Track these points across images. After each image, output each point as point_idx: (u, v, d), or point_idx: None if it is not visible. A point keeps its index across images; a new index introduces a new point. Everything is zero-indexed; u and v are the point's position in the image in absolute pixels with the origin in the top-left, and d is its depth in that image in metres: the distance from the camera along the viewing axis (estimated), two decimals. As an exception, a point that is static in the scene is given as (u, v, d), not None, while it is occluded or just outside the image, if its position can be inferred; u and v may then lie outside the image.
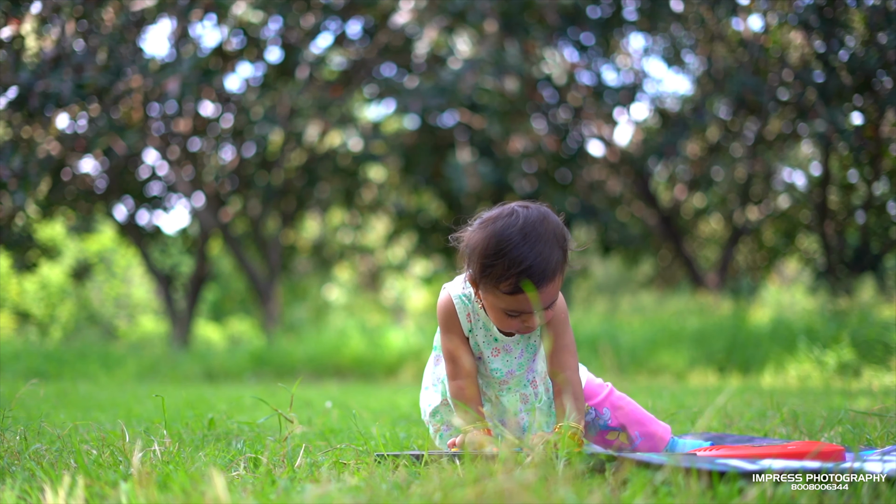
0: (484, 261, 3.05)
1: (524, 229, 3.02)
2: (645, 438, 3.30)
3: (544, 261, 2.99)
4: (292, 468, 2.82)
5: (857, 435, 3.70)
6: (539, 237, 3.01)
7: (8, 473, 2.75)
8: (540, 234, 3.01)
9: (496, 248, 3.03)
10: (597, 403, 3.36)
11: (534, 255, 2.98)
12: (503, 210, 3.12)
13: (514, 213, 3.08)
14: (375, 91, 18.73)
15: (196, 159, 18.32)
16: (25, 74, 12.30)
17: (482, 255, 3.06)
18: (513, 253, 3.01)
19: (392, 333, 15.18)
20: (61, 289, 29.29)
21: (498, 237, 3.04)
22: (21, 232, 16.87)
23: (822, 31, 14.24)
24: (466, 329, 3.31)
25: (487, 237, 3.07)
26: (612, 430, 3.33)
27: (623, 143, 20.46)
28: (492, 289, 3.06)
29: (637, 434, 3.29)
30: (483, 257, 3.05)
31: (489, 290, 3.08)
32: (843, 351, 10.73)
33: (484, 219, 3.15)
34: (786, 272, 28.10)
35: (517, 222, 3.04)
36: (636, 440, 3.30)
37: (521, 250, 3.00)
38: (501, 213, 3.11)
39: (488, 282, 3.06)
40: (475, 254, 3.08)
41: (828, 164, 17.64)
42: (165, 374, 14.09)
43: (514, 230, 3.03)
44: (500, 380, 3.35)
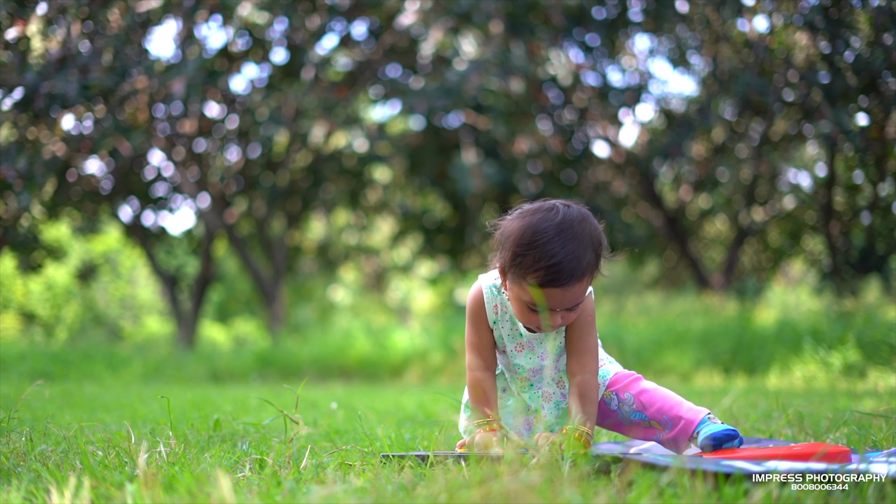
0: (516, 249, 3.06)
1: (561, 225, 3.03)
2: (673, 422, 3.24)
3: (575, 259, 3.00)
4: (298, 469, 2.82)
5: (863, 436, 3.69)
6: (574, 236, 3.02)
7: (14, 474, 2.75)
8: (576, 233, 3.02)
9: (530, 239, 3.04)
10: (619, 388, 3.32)
11: (566, 251, 2.99)
12: (544, 204, 3.13)
13: (554, 209, 3.09)
14: (381, 92, 18.73)
15: (201, 160, 18.34)
16: (31, 75, 12.31)
17: (515, 243, 3.07)
18: (545, 246, 3.01)
19: (397, 334, 15.18)
20: (67, 290, 29.33)
21: (534, 228, 3.05)
22: (26, 233, 16.89)
23: (828, 31, 14.24)
24: (492, 320, 3.32)
25: (524, 227, 3.08)
26: (643, 419, 3.29)
27: (628, 143, 20.47)
28: (519, 279, 3.07)
29: (666, 418, 3.24)
30: (516, 246, 3.07)
31: (516, 281, 3.09)
32: (848, 352, 10.72)
33: (524, 210, 3.17)
34: (791, 273, 28.08)
35: (556, 217, 3.05)
36: (666, 428, 3.25)
37: (554, 245, 3.01)
38: (542, 207, 3.12)
39: (517, 272, 3.07)
40: (508, 241, 3.10)
41: (833, 165, 17.63)
42: (171, 375, 14.10)
43: (551, 224, 3.04)
44: (523, 376, 3.36)
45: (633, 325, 14.39)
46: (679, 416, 3.20)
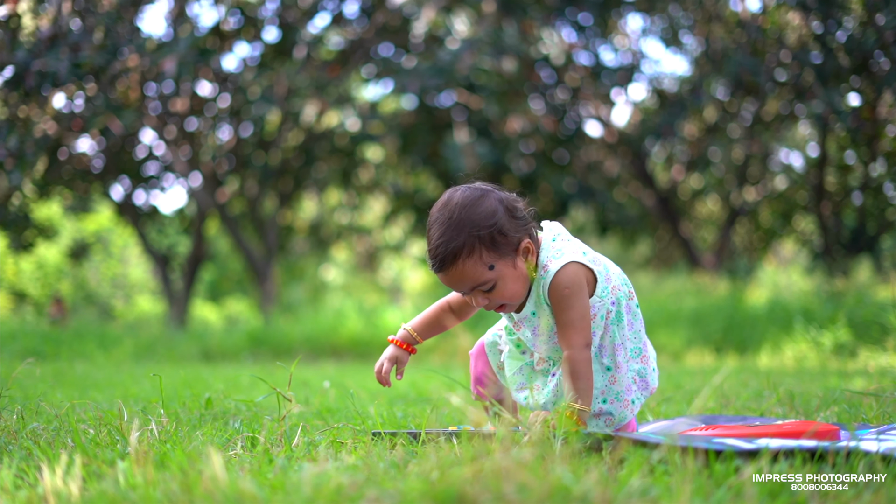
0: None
1: (440, 212, 3.09)
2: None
3: (443, 245, 3.02)
4: (290, 447, 2.82)
5: (853, 415, 3.71)
6: (446, 221, 3.06)
7: (5, 452, 2.75)
8: (449, 219, 3.06)
9: (426, 227, 3.13)
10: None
11: (436, 238, 3.05)
12: (448, 190, 3.19)
13: (446, 194, 3.15)
14: (373, 71, 18.69)
15: (193, 139, 18.30)
16: (22, 53, 12.28)
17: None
18: (428, 233, 3.11)
19: (389, 313, 15.19)
20: (58, 269, 29.30)
21: (429, 216, 3.15)
22: (18, 212, 16.86)
23: (820, 12, 14.23)
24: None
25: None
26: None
27: (621, 123, 20.47)
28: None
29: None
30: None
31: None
32: (839, 332, 10.75)
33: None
34: (783, 253, 28.13)
35: (439, 203, 3.13)
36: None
37: (430, 231, 3.08)
38: (445, 193, 3.18)
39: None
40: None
41: (825, 145, 17.65)
42: (162, 354, 14.10)
43: (434, 210, 3.12)
44: (523, 349, 3.38)
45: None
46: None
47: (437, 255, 3.03)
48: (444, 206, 3.09)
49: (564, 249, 3.16)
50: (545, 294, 3.14)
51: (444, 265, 3.03)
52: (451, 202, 3.08)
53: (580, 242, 3.29)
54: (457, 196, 3.10)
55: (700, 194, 22.09)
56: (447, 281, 3.08)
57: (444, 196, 3.13)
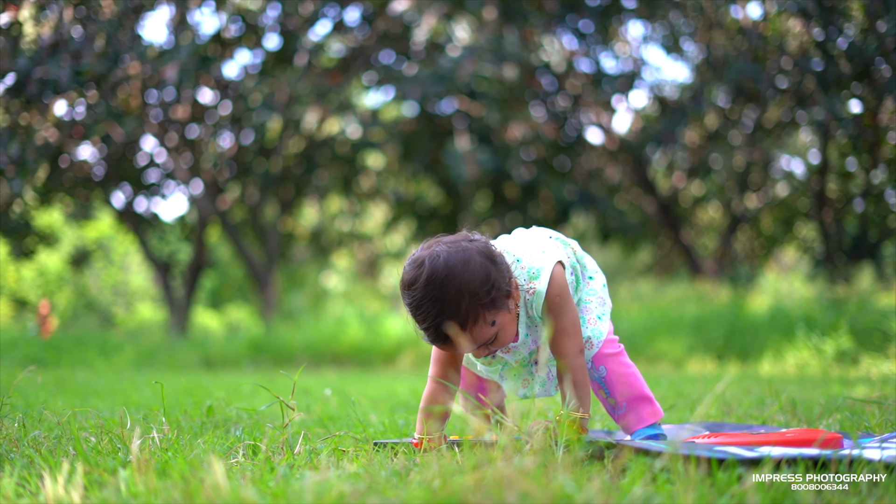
0: (406, 308, 3.03)
1: (427, 284, 2.94)
2: (629, 412, 3.24)
3: (446, 320, 2.93)
4: (291, 455, 2.82)
5: (856, 422, 3.70)
6: (442, 296, 2.93)
7: (7, 460, 2.75)
8: (443, 292, 2.93)
9: (407, 301, 3.00)
10: (597, 357, 3.30)
11: (435, 315, 2.93)
12: (418, 255, 3.03)
13: (420, 266, 2.98)
14: (374, 78, 18.72)
15: (194, 146, 18.31)
16: (23, 61, 12.28)
17: (404, 301, 3.04)
18: (415, 313, 2.98)
19: (390, 321, 15.18)
20: (59, 276, 29.30)
21: (406, 288, 3.01)
22: (19, 219, 16.85)
23: (821, 18, 14.24)
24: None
25: (402, 284, 3.04)
26: (607, 395, 3.29)
27: (622, 130, 20.48)
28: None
29: (624, 404, 3.24)
30: (405, 304, 3.03)
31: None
32: (841, 339, 10.74)
33: (412, 257, 3.08)
34: (784, 260, 28.12)
35: (420, 277, 2.97)
36: (621, 408, 3.26)
37: (423, 308, 2.95)
38: (415, 260, 3.02)
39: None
40: (402, 295, 3.05)
41: (826, 152, 17.65)
42: (163, 361, 14.10)
43: (418, 286, 2.96)
44: (517, 362, 3.36)
45: (626, 312, 14.40)
46: (638, 410, 3.23)
47: (440, 332, 2.94)
48: (430, 279, 2.93)
49: (535, 264, 3.13)
50: (538, 313, 3.13)
51: (450, 339, 2.95)
52: (438, 274, 2.93)
53: (526, 241, 3.27)
54: (440, 265, 2.94)
55: (701, 201, 22.08)
56: (451, 349, 3.03)
57: (423, 266, 2.97)
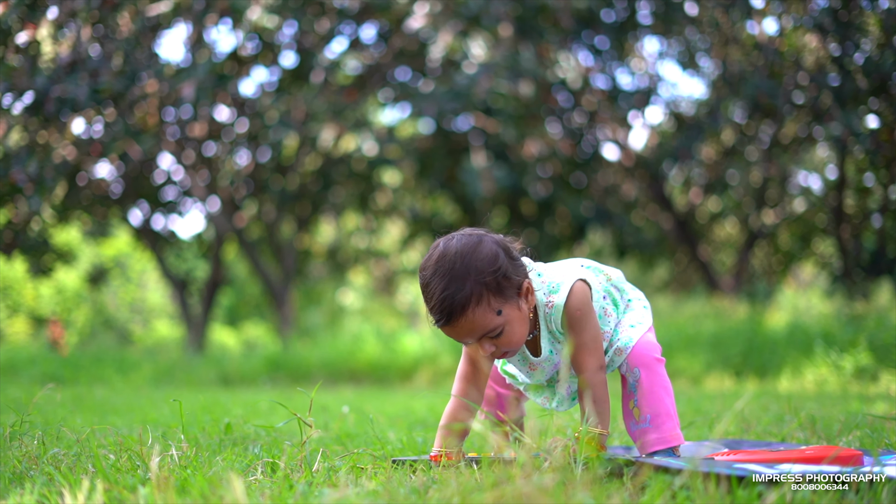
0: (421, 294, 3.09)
1: (437, 265, 3.03)
2: (653, 428, 3.21)
3: (449, 298, 2.97)
4: (310, 473, 2.82)
5: (876, 439, 3.69)
6: (447, 273, 3.00)
7: (27, 478, 2.75)
8: (449, 270, 3.00)
9: (420, 284, 3.07)
10: (634, 358, 3.24)
11: (439, 292, 2.99)
12: (434, 243, 3.13)
13: (436, 246, 3.09)
14: (390, 95, 18.75)
15: (211, 164, 18.36)
16: (41, 79, 12.35)
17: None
18: (425, 291, 3.04)
19: (407, 338, 15.18)
20: (77, 293, 29.40)
21: (419, 272, 3.09)
22: (37, 237, 16.93)
23: (838, 34, 14.22)
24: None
25: (418, 273, 3.11)
26: (634, 402, 3.24)
27: (638, 146, 20.45)
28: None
29: (648, 417, 3.20)
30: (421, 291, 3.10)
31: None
32: (860, 355, 10.69)
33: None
34: (802, 276, 28.04)
35: (432, 256, 3.07)
36: (643, 421, 3.22)
37: (430, 286, 3.01)
38: (432, 246, 3.12)
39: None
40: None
41: (843, 167, 17.59)
42: (181, 378, 14.12)
43: (429, 265, 3.05)
44: (541, 385, 3.37)
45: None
46: (662, 428, 3.18)
47: (443, 308, 2.97)
48: (441, 259, 3.02)
49: (556, 279, 3.16)
50: (558, 328, 3.14)
51: (453, 317, 2.98)
52: (448, 252, 3.02)
53: (556, 264, 3.30)
54: (452, 245, 3.04)
55: (718, 217, 22.04)
56: (454, 333, 3.04)
57: (436, 248, 3.07)
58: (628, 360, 3.22)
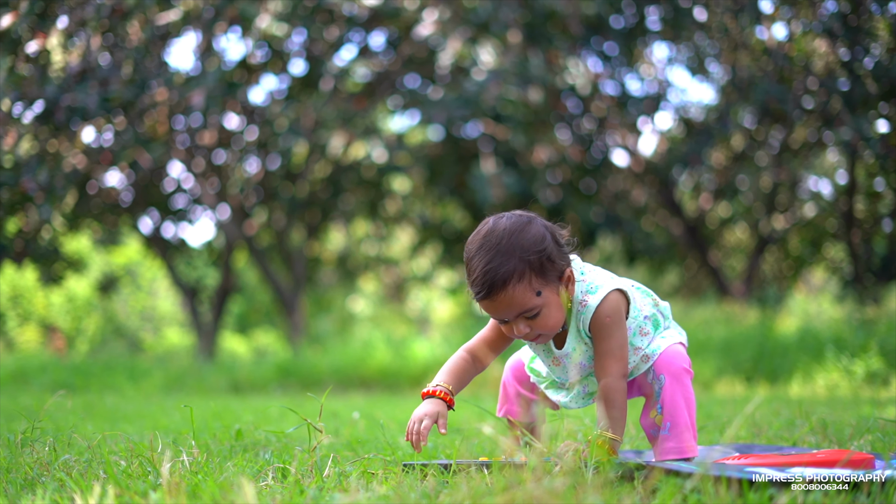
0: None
1: (484, 239, 3.09)
2: (671, 437, 3.19)
3: (491, 271, 3.01)
4: (321, 478, 2.82)
5: (888, 443, 3.68)
6: (493, 247, 3.05)
7: (38, 484, 2.76)
8: (495, 245, 3.05)
9: (465, 257, 3.14)
10: (661, 365, 3.23)
11: (482, 265, 3.03)
12: (486, 220, 3.20)
13: (486, 223, 3.16)
14: (399, 102, 18.76)
15: (221, 172, 18.38)
16: (51, 88, 12.38)
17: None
18: (469, 263, 3.09)
19: (418, 344, 15.18)
20: (87, 302, 29.43)
21: (466, 245, 3.15)
22: (47, 245, 16.96)
23: (847, 39, 14.20)
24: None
25: (465, 246, 3.19)
26: (655, 409, 3.22)
27: (647, 152, 20.42)
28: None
29: (668, 425, 3.19)
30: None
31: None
32: (871, 360, 10.67)
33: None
34: (812, 281, 27.97)
35: (481, 231, 3.14)
36: (663, 428, 3.20)
37: (474, 261, 3.07)
38: (482, 223, 3.19)
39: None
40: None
41: (854, 172, 17.56)
42: (191, 386, 14.13)
43: (475, 239, 3.12)
44: (565, 383, 3.38)
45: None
46: (679, 438, 3.16)
47: (485, 281, 3.02)
48: (489, 234, 3.08)
49: (596, 281, 3.20)
50: (585, 328, 3.16)
51: (493, 291, 3.02)
52: (497, 229, 3.08)
53: (603, 270, 3.31)
54: (502, 223, 3.10)
55: (728, 223, 22.00)
56: (491, 308, 3.09)
57: (486, 224, 3.14)
58: (655, 366, 3.22)
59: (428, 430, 3.18)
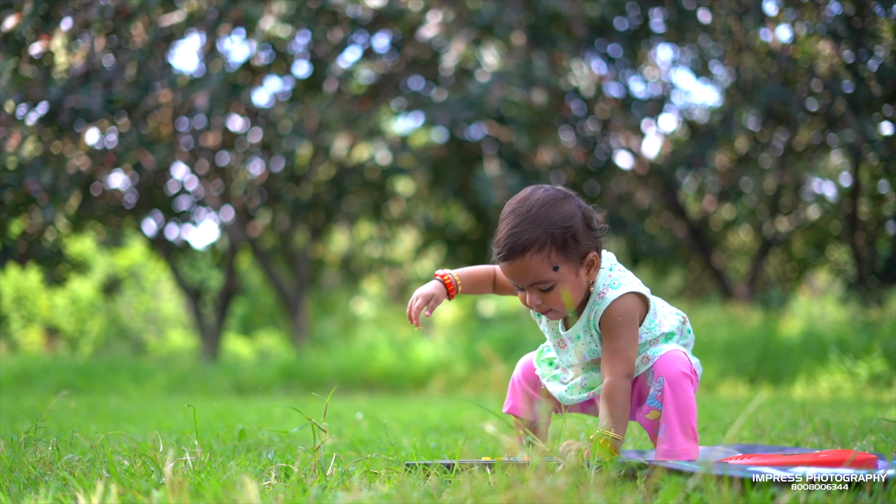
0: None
1: (519, 205, 3.18)
2: (667, 440, 3.17)
3: (515, 235, 3.09)
4: (324, 477, 2.82)
5: (891, 444, 3.68)
6: (524, 214, 3.13)
7: (41, 483, 2.77)
8: (527, 212, 3.13)
9: (500, 217, 3.23)
10: (664, 370, 3.18)
11: (509, 228, 3.12)
12: (526, 188, 3.29)
13: (525, 190, 3.25)
14: (403, 104, 18.76)
15: (225, 173, 18.39)
16: (55, 90, 12.39)
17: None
18: (500, 223, 3.18)
19: (421, 346, 15.18)
20: (91, 303, 29.45)
21: (503, 208, 3.23)
22: (51, 247, 16.95)
23: (851, 41, 14.19)
24: (535, 315, 3.42)
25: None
26: (654, 409, 3.21)
27: (651, 154, 20.42)
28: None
29: (664, 428, 3.17)
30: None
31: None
32: (874, 362, 10.66)
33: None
34: (816, 283, 27.96)
35: (517, 197, 3.22)
36: (660, 431, 3.18)
37: (503, 221, 3.16)
38: (522, 190, 3.28)
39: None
40: None
41: (858, 174, 17.55)
42: (195, 387, 14.14)
43: (511, 202, 3.22)
44: (565, 367, 3.40)
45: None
46: (674, 442, 3.14)
47: (506, 244, 3.09)
48: (523, 201, 3.17)
49: (621, 280, 3.23)
50: (596, 320, 3.17)
51: (512, 255, 3.09)
52: (532, 198, 3.16)
53: (635, 276, 3.33)
54: (539, 193, 3.18)
55: (732, 225, 21.99)
56: (508, 271, 3.15)
57: (524, 191, 3.22)
58: (654, 369, 3.21)
59: (420, 308, 3.34)
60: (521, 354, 3.72)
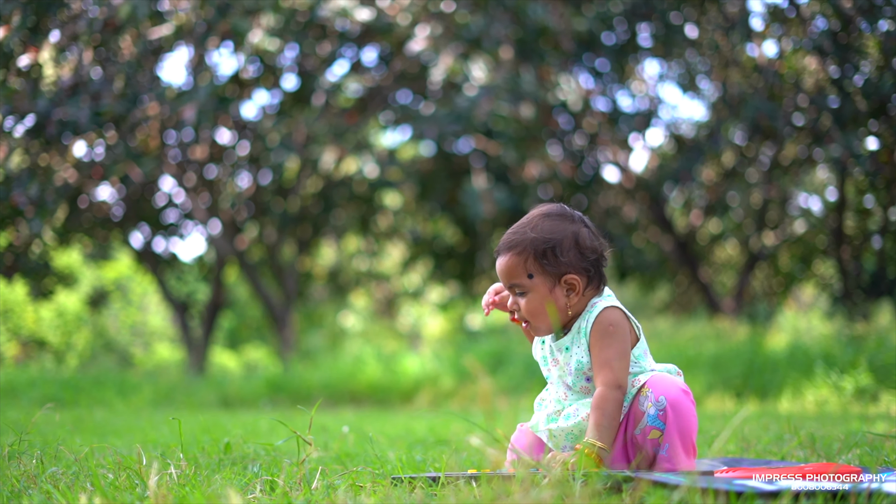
0: None
1: (530, 214, 3.38)
2: (667, 457, 3.16)
3: (510, 235, 3.31)
4: (309, 490, 2.82)
5: (876, 457, 3.68)
6: (526, 221, 3.34)
7: (25, 496, 2.75)
8: (528, 220, 3.34)
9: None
10: (664, 390, 3.14)
11: (512, 229, 3.34)
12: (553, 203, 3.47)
13: (547, 205, 3.41)
14: (391, 118, 18.78)
15: (212, 186, 18.38)
16: (43, 102, 12.39)
17: None
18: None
19: (408, 360, 15.17)
20: (77, 316, 29.36)
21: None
22: (38, 259, 16.93)
23: (837, 56, 14.25)
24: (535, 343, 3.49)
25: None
26: (655, 429, 3.16)
27: (638, 168, 20.46)
28: None
29: (666, 447, 3.14)
30: None
31: None
32: (860, 376, 10.67)
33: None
34: (802, 298, 28.03)
35: (539, 207, 3.40)
36: (662, 449, 3.16)
37: (513, 224, 3.38)
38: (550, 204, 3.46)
39: None
40: None
41: (843, 189, 17.60)
42: (181, 400, 14.10)
43: (528, 212, 3.41)
44: (558, 392, 3.41)
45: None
46: (676, 460, 3.13)
47: (501, 242, 3.31)
48: (533, 211, 3.37)
49: (613, 301, 3.28)
50: (587, 328, 3.18)
51: (499, 252, 3.31)
52: (539, 210, 3.35)
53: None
54: (546, 207, 3.37)
55: (719, 239, 22.03)
56: (497, 267, 3.33)
57: (550, 205, 3.39)
58: (653, 389, 3.16)
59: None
60: (508, 368, 3.74)
